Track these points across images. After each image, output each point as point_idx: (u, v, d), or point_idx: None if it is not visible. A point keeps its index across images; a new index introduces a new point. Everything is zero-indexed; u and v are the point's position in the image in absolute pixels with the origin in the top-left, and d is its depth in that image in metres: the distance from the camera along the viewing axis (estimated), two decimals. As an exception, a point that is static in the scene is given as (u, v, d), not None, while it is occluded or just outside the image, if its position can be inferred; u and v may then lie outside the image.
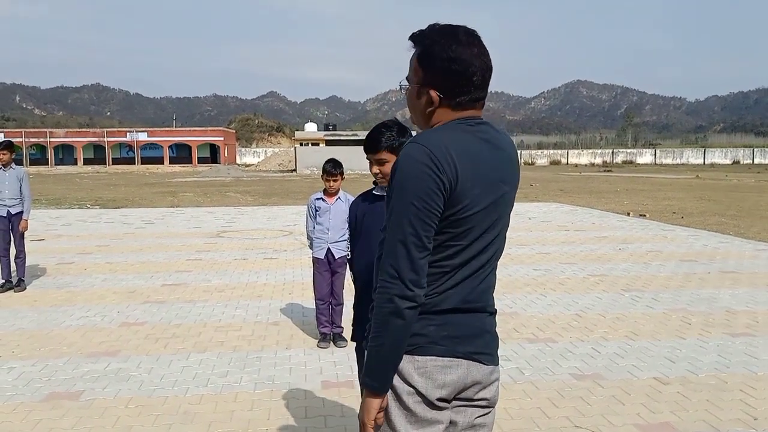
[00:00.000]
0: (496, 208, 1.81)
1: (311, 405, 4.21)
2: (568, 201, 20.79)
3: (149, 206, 19.68)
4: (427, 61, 1.81)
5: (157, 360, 5.08)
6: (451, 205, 1.71)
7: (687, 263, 9.25)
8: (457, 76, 1.79)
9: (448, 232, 1.74)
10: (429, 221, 1.70)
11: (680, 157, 74.18)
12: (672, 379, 4.63)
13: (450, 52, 1.78)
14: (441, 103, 1.82)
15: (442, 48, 1.79)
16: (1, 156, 7.51)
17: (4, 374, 4.76)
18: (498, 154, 1.83)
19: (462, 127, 1.80)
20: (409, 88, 1.89)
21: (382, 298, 1.72)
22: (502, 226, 1.88)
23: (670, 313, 6.46)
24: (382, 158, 2.90)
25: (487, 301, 1.89)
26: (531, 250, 10.43)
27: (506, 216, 1.89)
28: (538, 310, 6.63)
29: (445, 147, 1.71)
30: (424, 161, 1.69)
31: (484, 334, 1.89)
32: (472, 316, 1.85)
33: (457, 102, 1.83)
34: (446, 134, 1.75)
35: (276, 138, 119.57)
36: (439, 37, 1.81)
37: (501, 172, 1.83)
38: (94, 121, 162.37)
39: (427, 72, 1.81)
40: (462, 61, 1.79)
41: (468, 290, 1.82)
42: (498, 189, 1.81)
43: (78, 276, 8.49)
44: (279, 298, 7.21)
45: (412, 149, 1.73)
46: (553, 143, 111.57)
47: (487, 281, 1.89)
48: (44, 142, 77.64)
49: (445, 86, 1.80)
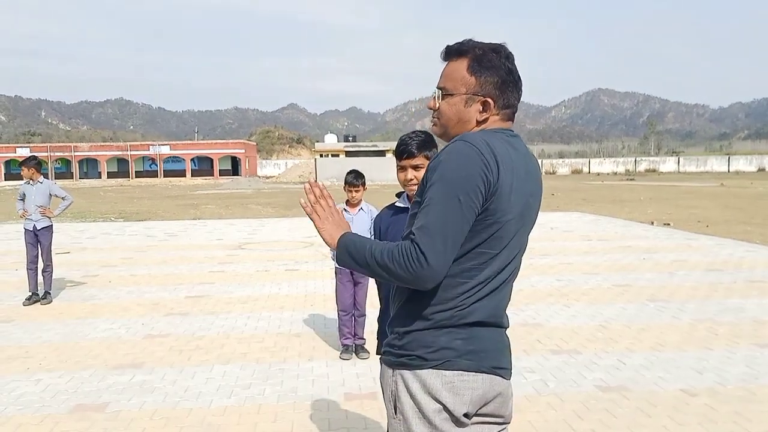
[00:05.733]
0: (522, 220, 1.82)
1: (334, 417, 4.20)
2: (590, 210, 20.62)
3: (172, 219, 19.88)
4: (483, 70, 1.83)
5: (181, 372, 5.12)
6: (487, 207, 1.72)
7: (713, 273, 9.11)
8: (511, 86, 1.85)
9: (479, 236, 1.74)
10: (469, 217, 1.70)
11: (704, 165, 73.29)
12: (699, 391, 4.55)
13: (508, 64, 1.85)
14: (492, 112, 1.85)
15: (498, 59, 1.84)
16: (24, 171, 7.65)
17: (32, 386, 4.82)
18: (529, 167, 1.86)
19: (500, 136, 1.82)
20: (451, 96, 1.88)
21: (401, 260, 1.67)
22: (524, 241, 1.89)
23: (696, 324, 6.36)
24: (418, 163, 2.93)
25: (503, 317, 1.90)
26: (553, 260, 10.35)
27: (529, 229, 1.90)
28: (562, 321, 6.57)
29: (491, 149, 1.73)
30: (474, 159, 1.70)
31: (505, 349, 1.90)
32: (494, 331, 1.85)
33: (506, 113, 1.88)
34: (490, 139, 1.77)
35: (296, 149, 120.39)
36: (489, 50, 1.85)
37: (531, 185, 1.85)
38: (117, 135, 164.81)
39: (482, 80, 1.83)
40: (515, 72, 1.86)
41: (494, 303, 1.82)
42: (526, 201, 1.83)
43: (103, 288, 8.59)
44: (301, 309, 7.23)
45: (460, 146, 1.73)
46: (574, 152, 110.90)
47: (508, 297, 1.90)
48: (69, 156, 79.01)
49: (499, 95, 1.84)
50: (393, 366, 1.85)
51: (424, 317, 1.79)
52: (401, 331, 1.84)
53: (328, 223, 1.88)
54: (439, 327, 1.77)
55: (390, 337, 1.89)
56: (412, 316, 1.81)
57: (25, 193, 7.79)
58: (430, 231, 1.67)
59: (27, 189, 7.76)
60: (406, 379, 1.80)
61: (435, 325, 1.77)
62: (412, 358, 1.79)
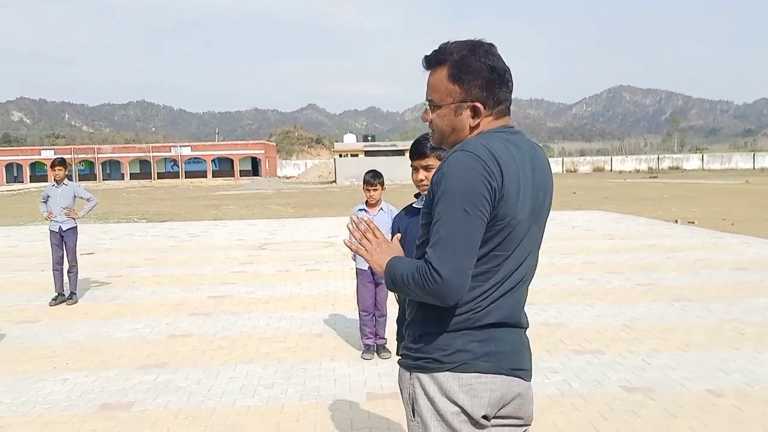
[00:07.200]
0: (534, 216, 1.81)
1: (356, 417, 4.21)
2: (613, 209, 20.42)
3: (194, 219, 20.06)
4: (463, 76, 1.79)
5: (205, 371, 5.16)
6: (496, 213, 1.70)
7: (739, 271, 8.98)
8: (497, 83, 1.80)
9: (491, 241, 1.73)
10: (479, 227, 1.68)
11: (728, 162, 72.22)
12: (726, 392, 4.48)
13: (488, 61, 1.79)
14: (485, 115, 1.81)
15: (477, 59, 1.78)
16: (57, 172, 7.77)
17: (59, 385, 4.89)
18: (535, 163, 1.83)
19: (501, 136, 1.79)
20: (440, 108, 1.85)
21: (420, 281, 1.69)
22: (538, 237, 1.87)
23: (722, 324, 6.27)
24: (429, 164, 2.92)
25: (521, 316, 1.89)
26: (576, 260, 10.26)
27: (543, 224, 1.88)
28: (585, 320, 6.51)
29: (491, 154, 1.70)
30: (475, 168, 1.68)
31: (524, 349, 1.88)
32: (512, 331, 1.84)
33: (499, 110, 1.83)
34: (490, 143, 1.74)
35: (315, 150, 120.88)
36: (467, 50, 1.80)
37: (538, 180, 1.82)
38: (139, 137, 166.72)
39: (465, 86, 1.79)
40: (499, 68, 1.80)
41: (511, 304, 1.81)
42: (536, 197, 1.81)
43: (126, 289, 8.69)
44: (322, 309, 7.25)
45: (460, 156, 1.71)
46: (596, 150, 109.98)
47: (524, 296, 1.89)
48: (92, 158, 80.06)
49: (487, 96, 1.80)
50: (410, 369, 1.85)
51: (439, 320, 1.78)
52: (417, 334, 1.84)
53: (376, 254, 1.88)
54: (455, 330, 1.77)
55: (406, 340, 1.90)
56: (427, 319, 1.81)
57: (49, 195, 7.90)
58: (440, 246, 1.67)
59: (51, 191, 7.88)
60: (423, 382, 1.79)
61: (451, 327, 1.77)
62: (429, 361, 1.79)
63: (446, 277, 1.64)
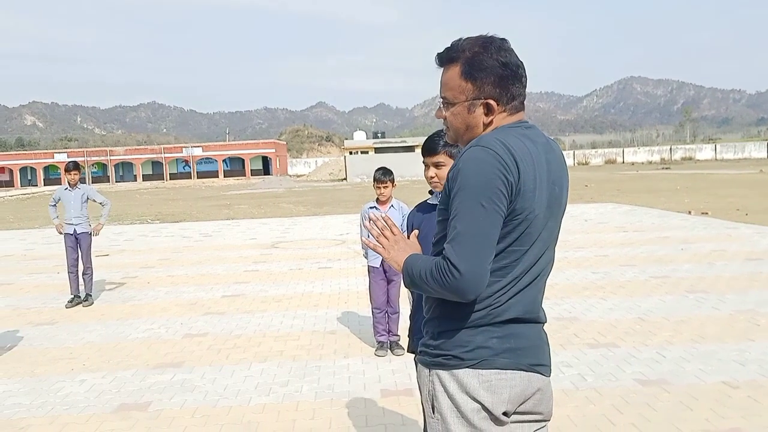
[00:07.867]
0: (550, 210, 1.80)
1: (371, 414, 4.23)
2: (625, 201, 20.30)
3: (206, 219, 20.16)
4: (476, 74, 1.79)
5: (220, 370, 5.20)
6: (513, 207, 1.71)
7: (753, 262, 8.91)
8: (510, 80, 1.80)
9: (509, 236, 1.73)
10: (497, 221, 1.69)
11: (742, 152, 71.45)
12: (741, 383, 4.46)
13: (500, 58, 1.78)
14: (498, 111, 1.81)
15: (489, 56, 1.78)
16: (74, 176, 7.81)
17: (77, 386, 4.95)
18: (550, 157, 1.83)
19: (516, 131, 1.79)
20: (453, 106, 1.86)
21: (438, 277, 1.69)
22: (555, 231, 1.87)
23: (737, 315, 6.23)
24: (440, 161, 2.91)
25: (540, 311, 1.89)
26: (589, 253, 10.23)
27: (560, 218, 1.88)
28: (599, 314, 6.50)
29: (507, 149, 1.70)
30: (492, 163, 1.68)
31: (543, 345, 1.88)
32: (531, 327, 1.84)
33: (513, 106, 1.83)
34: (505, 137, 1.74)
35: (326, 148, 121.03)
36: (479, 47, 1.80)
37: (554, 174, 1.82)
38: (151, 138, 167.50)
39: (478, 84, 1.80)
40: (511, 64, 1.80)
41: (530, 299, 1.81)
42: (552, 191, 1.81)
43: (141, 289, 8.77)
44: (335, 307, 7.28)
45: (476, 151, 1.71)
46: (607, 142, 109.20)
47: (542, 291, 1.89)
48: (105, 160, 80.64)
49: (500, 93, 1.80)
50: (429, 366, 1.85)
51: (458, 317, 1.78)
52: (436, 332, 1.84)
53: (394, 251, 1.90)
54: (475, 326, 1.77)
55: (425, 337, 1.90)
56: (446, 316, 1.81)
57: (60, 198, 7.95)
58: (458, 242, 1.67)
59: (64, 194, 7.92)
60: (443, 379, 1.80)
61: (470, 324, 1.77)
62: (448, 358, 1.79)
63: (465, 272, 1.64)
